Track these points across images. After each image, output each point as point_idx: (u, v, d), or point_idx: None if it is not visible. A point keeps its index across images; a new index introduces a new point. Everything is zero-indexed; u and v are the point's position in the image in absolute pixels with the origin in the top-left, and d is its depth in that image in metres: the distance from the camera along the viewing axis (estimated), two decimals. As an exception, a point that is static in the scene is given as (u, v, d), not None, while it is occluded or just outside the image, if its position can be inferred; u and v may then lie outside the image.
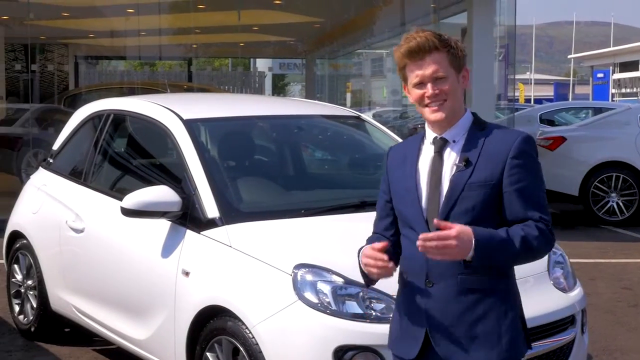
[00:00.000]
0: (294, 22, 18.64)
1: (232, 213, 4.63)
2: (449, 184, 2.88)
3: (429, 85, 2.87)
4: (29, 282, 6.25)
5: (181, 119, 5.22)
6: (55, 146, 6.57)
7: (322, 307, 4.02)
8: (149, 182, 5.26)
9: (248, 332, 4.13)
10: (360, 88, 27.47)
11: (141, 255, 4.97)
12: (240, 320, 4.17)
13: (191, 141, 5.02)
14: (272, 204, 5.04)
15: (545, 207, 2.89)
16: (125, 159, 6.11)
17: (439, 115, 2.89)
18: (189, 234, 4.67)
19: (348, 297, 4.07)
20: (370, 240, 3.06)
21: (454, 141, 2.93)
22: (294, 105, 6.79)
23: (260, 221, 4.59)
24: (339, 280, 4.10)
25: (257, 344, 4.10)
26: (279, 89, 40.81)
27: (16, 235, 6.44)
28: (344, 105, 21.98)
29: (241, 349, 4.18)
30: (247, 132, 5.71)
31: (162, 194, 4.77)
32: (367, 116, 6.36)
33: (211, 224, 4.59)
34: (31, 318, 6.21)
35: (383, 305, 4.07)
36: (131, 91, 15.36)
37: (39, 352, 6.00)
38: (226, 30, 19.07)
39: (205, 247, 4.55)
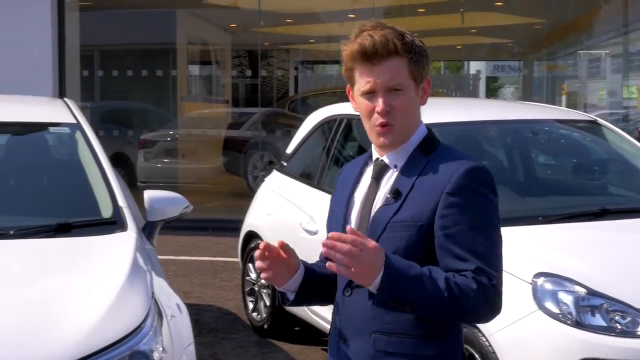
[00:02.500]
0: (514, 24, 18.33)
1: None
2: (370, 220, 2.34)
3: (381, 100, 2.29)
4: (263, 281, 6.46)
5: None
6: (289, 149, 6.76)
7: (563, 318, 3.94)
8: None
9: (485, 339, 4.10)
10: (575, 90, 26.64)
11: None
12: (476, 327, 4.13)
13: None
14: (508, 210, 4.94)
15: (490, 258, 2.24)
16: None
17: (383, 141, 2.33)
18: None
19: (591, 308, 3.96)
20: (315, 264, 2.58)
21: (395, 166, 2.36)
22: (526, 110, 6.66)
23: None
24: (582, 291, 4.00)
25: (494, 352, 4.07)
26: (492, 91, 40.22)
27: (251, 236, 6.68)
28: (560, 107, 21.33)
29: (477, 356, 4.15)
30: (479, 136, 5.67)
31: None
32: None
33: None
34: (264, 315, 6.42)
35: (629, 319, 3.94)
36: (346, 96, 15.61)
37: (272, 349, 6.21)
38: (443, 34, 19.03)
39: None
